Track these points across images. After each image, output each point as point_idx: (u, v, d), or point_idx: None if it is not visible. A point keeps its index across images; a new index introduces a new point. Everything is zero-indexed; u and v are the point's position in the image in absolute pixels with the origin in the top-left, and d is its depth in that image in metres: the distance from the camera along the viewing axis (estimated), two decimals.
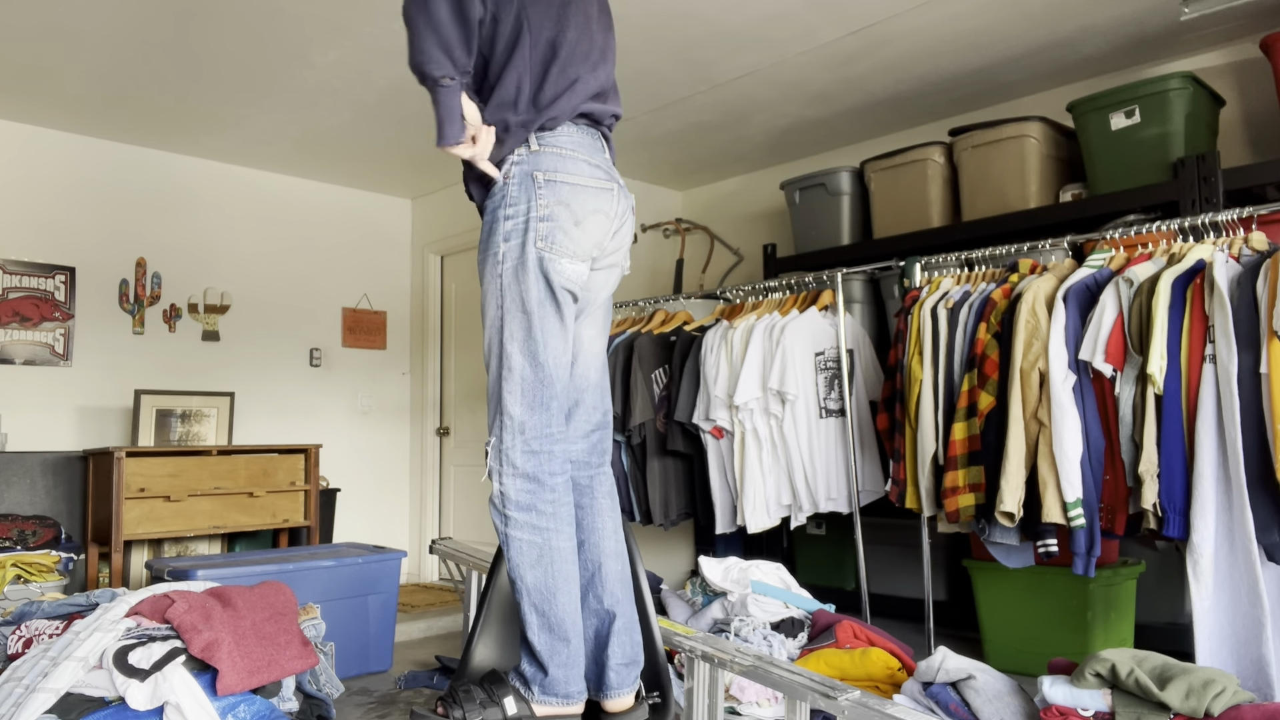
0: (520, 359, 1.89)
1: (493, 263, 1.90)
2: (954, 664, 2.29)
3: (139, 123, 4.37)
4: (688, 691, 2.25)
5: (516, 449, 1.88)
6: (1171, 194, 3.12)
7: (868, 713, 1.86)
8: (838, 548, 4.16)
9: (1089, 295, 2.79)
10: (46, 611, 2.45)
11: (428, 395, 5.60)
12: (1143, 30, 3.45)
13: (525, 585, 1.88)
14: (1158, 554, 3.38)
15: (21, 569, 3.71)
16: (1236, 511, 2.45)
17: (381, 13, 3.26)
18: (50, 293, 4.40)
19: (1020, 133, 3.55)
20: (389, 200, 5.68)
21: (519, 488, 1.88)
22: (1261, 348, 2.43)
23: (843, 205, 4.15)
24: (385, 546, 3.90)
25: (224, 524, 4.21)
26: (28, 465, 4.15)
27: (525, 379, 1.88)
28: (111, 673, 2.09)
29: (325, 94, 4.02)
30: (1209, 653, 2.48)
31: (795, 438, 3.54)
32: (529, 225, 1.88)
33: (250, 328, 5.02)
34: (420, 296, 5.67)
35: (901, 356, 3.23)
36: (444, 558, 3.53)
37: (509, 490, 1.88)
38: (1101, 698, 2.04)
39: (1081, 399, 2.73)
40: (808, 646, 2.82)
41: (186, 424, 4.51)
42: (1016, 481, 2.80)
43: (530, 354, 1.89)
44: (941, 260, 3.38)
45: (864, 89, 3.99)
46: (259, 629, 2.32)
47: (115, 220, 4.61)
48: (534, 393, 1.89)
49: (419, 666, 3.52)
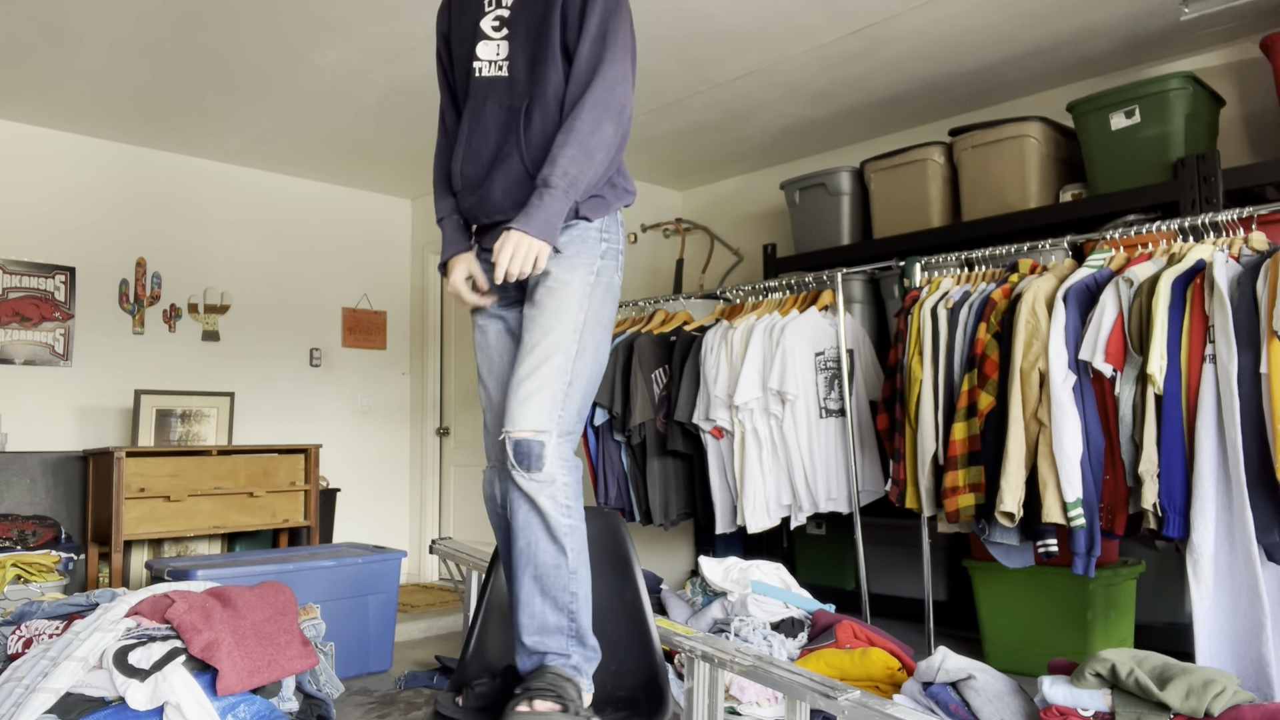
0: (589, 368, 2.01)
1: (585, 271, 2.00)
2: (954, 664, 2.29)
3: (139, 123, 4.37)
4: (688, 691, 2.25)
5: (568, 446, 1.98)
6: (1171, 194, 3.12)
7: (868, 713, 1.86)
8: (838, 548, 4.16)
9: (1089, 295, 2.79)
10: (46, 611, 2.45)
11: (428, 395, 5.60)
12: (1143, 30, 3.45)
13: (581, 578, 1.98)
14: (1158, 554, 3.38)
15: (21, 569, 3.71)
16: (1236, 511, 2.45)
17: (381, 13, 3.26)
18: (50, 293, 4.40)
19: (1020, 133, 3.55)
20: (389, 200, 5.68)
21: (575, 480, 1.99)
22: (1261, 348, 2.43)
23: (843, 205, 4.15)
24: (385, 546, 3.90)
25: (224, 524, 4.21)
26: (28, 465, 4.15)
27: (588, 388, 2.02)
28: (111, 673, 2.09)
29: (325, 94, 4.02)
30: (1209, 653, 2.48)
31: (795, 438, 3.54)
32: (619, 257, 2.08)
33: (250, 328, 5.02)
34: (420, 296, 5.67)
35: (901, 356, 3.23)
36: (444, 558, 3.53)
37: (570, 482, 1.97)
38: (1101, 698, 2.04)
39: (1081, 399, 2.73)
40: (808, 646, 2.82)
41: (186, 424, 4.51)
42: (1016, 481, 2.80)
43: (596, 366, 2.03)
44: (941, 260, 3.38)
45: (864, 89, 3.99)
46: (259, 629, 2.32)
47: (115, 220, 4.61)
48: (587, 401, 2.03)
49: (419, 666, 3.52)
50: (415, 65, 3.69)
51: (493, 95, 2.01)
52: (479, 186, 2.04)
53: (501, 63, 2.02)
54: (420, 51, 3.57)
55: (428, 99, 4.06)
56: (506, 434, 1.92)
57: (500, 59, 2.02)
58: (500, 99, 2.01)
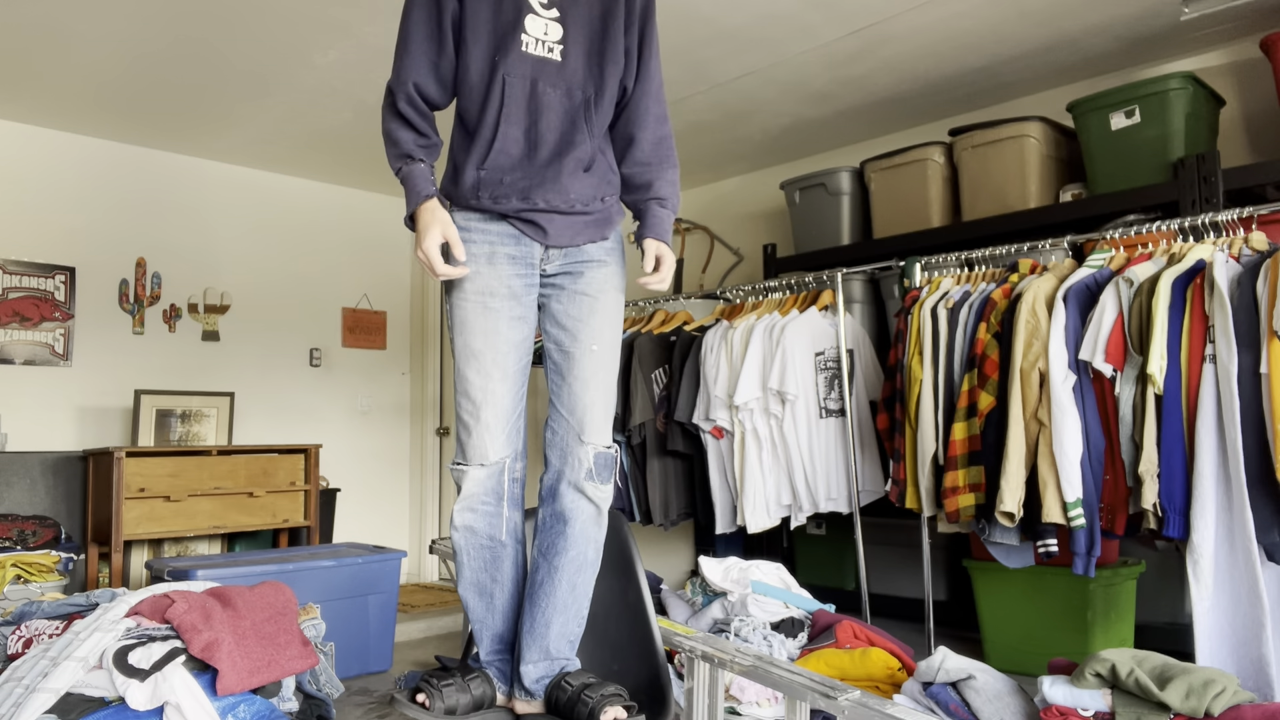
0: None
1: (617, 295, 2.04)
2: (954, 664, 2.29)
3: (139, 122, 4.37)
4: (688, 691, 2.25)
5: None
6: (1171, 194, 3.12)
7: (868, 713, 1.86)
8: (838, 548, 4.16)
9: (1089, 295, 2.79)
10: (46, 611, 2.45)
11: (427, 395, 5.60)
12: (1143, 30, 3.45)
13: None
14: (1158, 554, 3.38)
15: (21, 569, 3.70)
16: (1236, 511, 2.45)
17: (381, 13, 3.26)
18: (50, 293, 4.40)
19: (1020, 133, 3.55)
20: (389, 200, 5.67)
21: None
22: (1261, 348, 2.43)
23: (843, 205, 4.15)
24: (385, 546, 3.90)
25: (224, 524, 4.21)
26: (28, 465, 4.15)
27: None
28: (111, 673, 2.09)
29: (325, 94, 4.02)
30: (1209, 653, 2.48)
31: (795, 438, 3.54)
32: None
33: (250, 328, 5.02)
34: (420, 296, 5.66)
35: (901, 356, 3.23)
36: (444, 558, 3.53)
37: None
38: (1101, 698, 2.04)
39: (1081, 399, 2.73)
40: (808, 646, 2.82)
41: (186, 424, 4.51)
42: (1016, 481, 2.80)
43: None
44: (941, 260, 3.38)
45: (864, 89, 3.99)
46: (259, 629, 2.32)
47: (115, 220, 4.61)
48: None
49: (419, 666, 3.52)
50: None
51: (544, 77, 1.90)
52: (545, 167, 1.90)
53: (554, 44, 1.91)
54: None
55: None
56: (590, 445, 1.92)
57: (552, 40, 1.91)
58: (554, 82, 1.90)
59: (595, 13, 1.95)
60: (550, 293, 1.98)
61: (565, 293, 1.97)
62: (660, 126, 2.03)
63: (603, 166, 1.98)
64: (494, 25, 1.90)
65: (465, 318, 1.91)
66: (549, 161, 1.91)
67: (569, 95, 1.92)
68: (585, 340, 1.96)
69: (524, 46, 1.89)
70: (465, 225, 1.92)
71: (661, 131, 2.04)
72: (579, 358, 1.95)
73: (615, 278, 2.03)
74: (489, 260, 1.91)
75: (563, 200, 1.93)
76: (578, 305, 1.96)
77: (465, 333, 1.91)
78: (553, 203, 1.92)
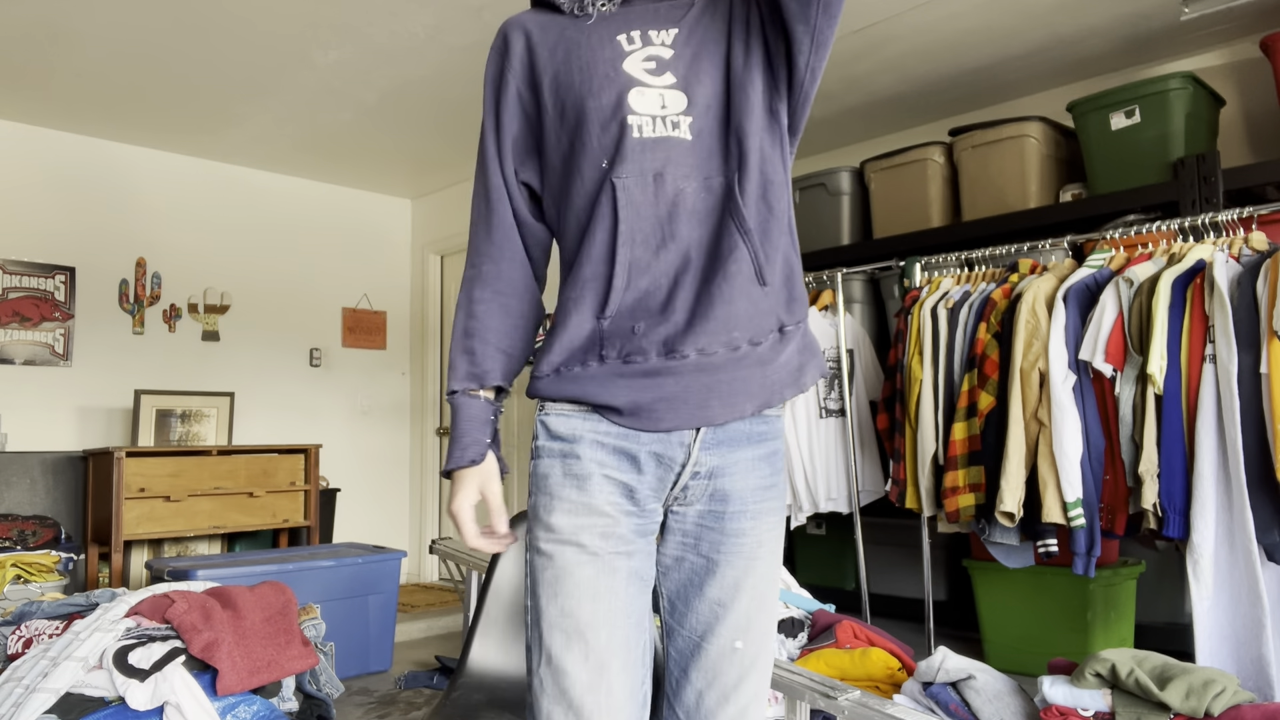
0: None
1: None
2: (954, 664, 2.29)
3: (139, 123, 4.37)
4: None
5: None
6: (1171, 194, 3.12)
7: (868, 713, 1.86)
8: (838, 548, 4.16)
9: (1089, 295, 2.79)
10: (46, 611, 2.45)
11: (427, 395, 5.60)
12: (1143, 30, 3.45)
13: None
14: (1158, 554, 3.38)
15: (21, 569, 3.70)
16: (1236, 511, 2.45)
17: (381, 13, 3.26)
18: (50, 293, 4.40)
19: (1020, 133, 3.55)
20: (389, 200, 5.68)
21: None
22: (1261, 348, 2.43)
23: (843, 205, 4.15)
24: (385, 546, 3.90)
25: (224, 524, 4.21)
26: (28, 465, 4.15)
27: None
28: (111, 673, 2.09)
29: (325, 94, 4.02)
30: (1209, 653, 2.48)
31: (795, 438, 3.54)
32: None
33: (250, 328, 5.02)
34: (420, 296, 5.67)
35: (901, 356, 3.23)
36: (444, 558, 3.53)
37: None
38: (1101, 698, 2.04)
39: (1081, 399, 2.73)
40: (808, 646, 2.82)
41: (186, 424, 4.51)
42: (1016, 481, 2.80)
43: None
44: (941, 260, 3.38)
45: (864, 89, 3.99)
46: (259, 629, 2.32)
47: (115, 220, 4.61)
48: None
49: (419, 666, 3.52)
50: (415, 65, 3.69)
51: (671, 165, 1.27)
52: (686, 308, 1.25)
53: (678, 118, 1.29)
54: (420, 52, 3.57)
55: (428, 99, 4.06)
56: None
57: (675, 114, 1.29)
58: (684, 170, 1.28)
59: (719, 57, 1.33)
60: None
61: (652, 536, 1.31)
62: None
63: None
64: (589, 118, 1.32)
65: (563, 569, 1.22)
66: (693, 291, 1.29)
67: (707, 182, 1.31)
68: (732, 613, 1.29)
69: (636, 132, 1.30)
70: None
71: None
72: (722, 623, 1.31)
73: (779, 524, 1.35)
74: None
75: (716, 342, 1.30)
76: (722, 560, 1.31)
77: (561, 594, 1.21)
78: (705, 347, 1.29)
